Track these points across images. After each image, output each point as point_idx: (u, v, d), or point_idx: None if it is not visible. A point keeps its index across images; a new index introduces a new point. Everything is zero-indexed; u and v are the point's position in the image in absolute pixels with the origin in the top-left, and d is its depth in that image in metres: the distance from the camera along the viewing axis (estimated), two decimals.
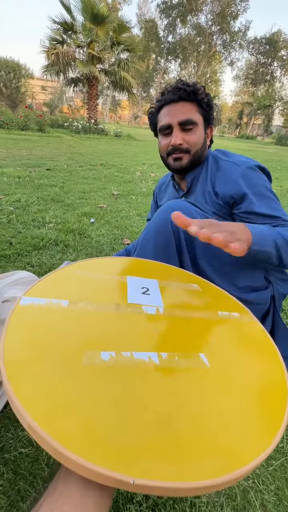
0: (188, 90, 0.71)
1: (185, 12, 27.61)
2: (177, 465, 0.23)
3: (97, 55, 9.74)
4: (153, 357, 0.34)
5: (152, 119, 0.81)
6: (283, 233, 0.59)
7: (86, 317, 0.40)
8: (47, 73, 9.92)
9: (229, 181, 0.71)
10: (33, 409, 0.25)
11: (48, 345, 0.33)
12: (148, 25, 29.59)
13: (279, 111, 34.09)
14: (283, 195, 3.68)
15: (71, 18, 9.46)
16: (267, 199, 0.68)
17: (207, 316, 0.45)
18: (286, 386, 0.33)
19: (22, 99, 14.72)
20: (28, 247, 1.46)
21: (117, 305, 0.43)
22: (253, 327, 0.44)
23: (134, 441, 0.24)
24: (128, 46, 10.01)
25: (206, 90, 0.75)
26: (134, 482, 0.21)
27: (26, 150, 4.84)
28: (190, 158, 0.75)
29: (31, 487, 0.54)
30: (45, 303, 0.40)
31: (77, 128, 9.49)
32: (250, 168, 0.70)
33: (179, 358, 0.35)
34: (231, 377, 0.33)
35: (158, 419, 0.27)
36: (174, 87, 0.73)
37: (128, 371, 0.31)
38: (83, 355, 0.32)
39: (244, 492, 0.58)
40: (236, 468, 0.23)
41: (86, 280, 0.49)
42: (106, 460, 0.22)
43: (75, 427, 0.24)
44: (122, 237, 1.76)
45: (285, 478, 0.61)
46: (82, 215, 2.05)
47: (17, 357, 0.30)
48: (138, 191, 3.00)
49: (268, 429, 0.27)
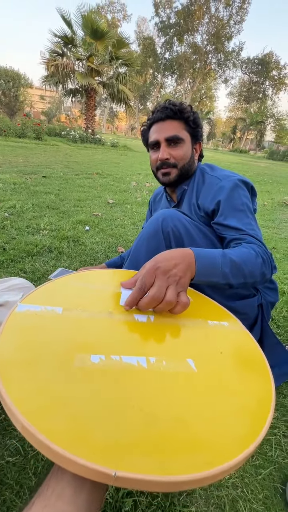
0: (174, 109, 0.77)
1: (181, 31, 28.77)
2: (159, 459, 0.24)
3: (96, 68, 10.01)
4: (141, 361, 0.35)
5: (144, 136, 0.86)
6: (236, 256, 0.58)
7: (78, 323, 0.41)
8: (46, 84, 10.11)
9: (209, 193, 0.74)
10: (24, 408, 0.26)
11: (41, 348, 0.34)
12: (146, 42, 30.67)
13: (271, 127, 35.37)
14: (274, 208, 3.78)
15: (71, 32, 9.75)
16: (238, 212, 0.70)
17: (197, 324, 0.46)
18: (271, 392, 0.34)
19: (20, 107, 14.89)
20: (21, 253, 1.46)
21: (109, 313, 0.44)
22: (242, 336, 0.45)
23: (119, 437, 0.25)
24: (127, 61, 10.33)
25: (193, 109, 0.81)
26: (116, 475, 0.22)
27: (22, 157, 4.87)
28: (178, 172, 0.80)
29: (17, 497, 0.53)
30: (40, 310, 0.41)
31: (74, 137, 9.62)
32: (231, 182, 0.74)
33: (167, 362, 0.36)
34: (217, 381, 0.34)
35: (144, 417, 0.28)
36: (162, 106, 0.79)
37: (117, 373, 0.32)
38: (74, 358, 0.33)
39: (233, 501, 0.58)
40: (218, 464, 0.24)
41: (81, 290, 0.51)
42: (91, 454, 0.23)
43: (63, 423, 0.25)
44: (116, 245, 1.78)
45: (274, 487, 0.62)
46: (77, 222, 2.06)
47: (10, 358, 0.31)
48: (133, 200, 3.04)
49: (251, 430, 0.28)
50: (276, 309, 1.33)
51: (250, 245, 0.63)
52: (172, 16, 29.06)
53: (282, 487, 0.62)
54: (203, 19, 27.67)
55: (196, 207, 0.77)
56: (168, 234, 0.67)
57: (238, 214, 0.70)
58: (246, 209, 0.72)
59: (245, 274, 0.59)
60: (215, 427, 0.28)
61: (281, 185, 6.35)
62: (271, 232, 2.64)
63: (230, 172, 0.80)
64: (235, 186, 0.73)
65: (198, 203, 0.77)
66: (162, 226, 0.67)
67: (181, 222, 0.68)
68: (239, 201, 0.72)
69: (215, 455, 0.25)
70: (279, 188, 5.71)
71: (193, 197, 0.79)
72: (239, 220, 0.69)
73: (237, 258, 0.59)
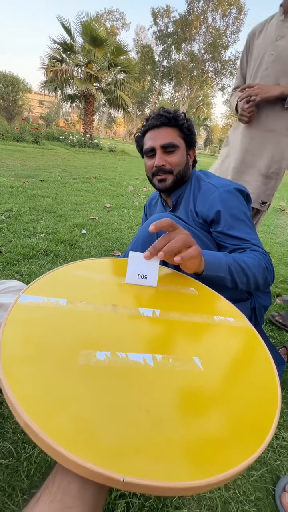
0: (169, 117, 0.79)
1: (179, 40, 29.34)
2: (166, 465, 0.24)
3: (94, 74, 10.14)
4: (147, 359, 0.35)
5: (139, 142, 0.88)
6: (240, 259, 0.63)
7: (83, 316, 0.40)
8: (45, 89, 10.21)
9: (207, 201, 0.76)
10: (28, 406, 0.25)
11: (45, 343, 0.33)
12: (145, 50, 31.18)
13: None
14: (269, 213, 3.82)
15: (71, 39, 9.89)
16: (239, 222, 0.72)
17: (203, 320, 0.46)
18: (277, 393, 0.33)
19: (19, 112, 14.97)
20: (18, 256, 1.46)
21: (114, 306, 0.44)
22: (248, 332, 0.45)
23: (126, 440, 0.25)
24: (125, 68, 10.48)
25: (187, 116, 0.83)
26: (124, 480, 0.21)
27: (20, 161, 4.88)
28: (174, 178, 0.82)
29: (9, 499, 0.53)
30: (43, 302, 0.40)
31: (72, 142, 9.67)
32: (228, 191, 0.75)
33: (173, 360, 0.36)
34: (224, 381, 0.34)
35: (150, 419, 0.27)
36: (157, 114, 0.81)
37: (123, 371, 0.32)
38: (79, 354, 0.33)
39: (225, 503, 0.59)
40: (224, 470, 0.24)
41: (85, 280, 0.50)
42: (98, 457, 0.23)
43: (68, 424, 0.25)
44: (113, 249, 1.79)
45: (266, 488, 0.62)
46: (74, 226, 2.07)
47: (14, 354, 0.31)
48: (130, 205, 3.06)
49: (257, 434, 0.28)
50: (269, 312, 1.34)
51: (253, 252, 0.67)
52: (170, 25, 29.64)
53: (273, 488, 0.62)
54: (200, 29, 28.26)
55: (194, 214, 0.79)
56: None
57: (239, 224, 0.72)
58: (246, 219, 0.74)
59: (247, 275, 0.62)
60: (220, 430, 0.28)
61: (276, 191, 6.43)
62: (267, 237, 2.67)
63: (226, 180, 0.81)
64: (233, 195, 0.75)
65: (196, 210, 0.78)
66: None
67: None
68: (239, 211, 0.74)
69: (221, 460, 0.25)
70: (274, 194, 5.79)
71: (190, 204, 0.81)
72: (241, 230, 0.71)
73: (240, 260, 0.63)
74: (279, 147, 1.22)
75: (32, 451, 0.61)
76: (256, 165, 1.25)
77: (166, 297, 0.51)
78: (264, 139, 1.22)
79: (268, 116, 1.19)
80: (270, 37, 1.15)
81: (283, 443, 0.72)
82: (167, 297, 0.51)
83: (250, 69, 1.28)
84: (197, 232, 0.75)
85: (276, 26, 1.14)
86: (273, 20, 1.18)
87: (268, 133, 1.21)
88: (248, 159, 1.26)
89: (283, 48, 1.12)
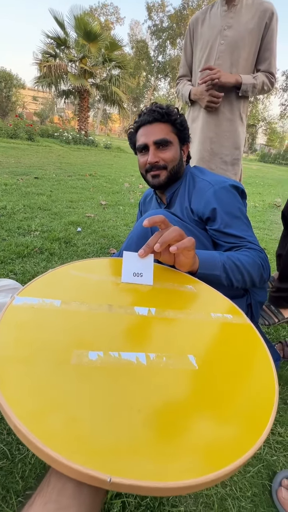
0: (161, 112, 0.77)
1: (174, 35, 29.08)
2: (157, 465, 0.23)
3: (89, 70, 10.02)
4: (140, 358, 0.34)
5: (132, 139, 0.86)
6: (235, 257, 0.64)
7: (77, 317, 0.39)
8: (39, 84, 10.06)
9: (202, 199, 0.75)
10: (18, 407, 0.25)
11: (38, 344, 0.33)
12: (139, 45, 30.85)
13: (262, 130, 35.99)
14: (265, 209, 3.83)
15: (64, 33, 9.74)
16: (235, 219, 0.72)
17: (200, 317, 0.45)
18: (274, 391, 0.33)
19: (12, 108, 14.75)
20: (12, 255, 1.44)
21: (109, 306, 0.43)
22: (246, 329, 0.44)
23: (116, 440, 0.24)
24: (120, 63, 10.37)
25: (180, 112, 0.81)
26: (111, 480, 0.21)
27: (14, 158, 4.82)
28: (167, 174, 0.81)
29: (3, 502, 0.52)
30: (38, 303, 0.40)
31: (67, 139, 9.57)
32: (223, 188, 0.74)
33: (167, 359, 0.35)
34: (219, 379, 0.34)
35: (142, 419, 0.27)
36: (149, 109, 0.80)
37: (115, 371, 0.32)
38: (71, 355, 0.32)
39: (221, 500, 0.59)
40: (217, 469, 0.23)
41: (80, 280, 0.49)
42: (88, 458, 0.22)
43: (59, 425, 0.25)
44: (108, 247, 1.77)
45: (262, 484, 0.62)
46: (69, 224, 2.05)
47: (6, 355, 0.30)
48: (126, 202, 3.04)
49: (252, 432, 0.27)
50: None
51: (249, 250, 0.67)
52: (165, 20, 29.38)
53: (270, 484, 0.62)
54: None
55: (190, 211, 0.78)
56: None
57: (235, 221, 0.71)
58: (242, 216, 0.73)
59: (242, 273, 0.63)
60: (214, 429, 0.27)
61: (272, 187, 6.45)
62: (262, 233, 2.68)
63: (220, 177, 0.80)
64: (228, 192, 0.74)
65: (191, 207, 0.77)
66: (151, 227, 0.68)
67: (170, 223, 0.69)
68: (235, 208, 0.73)
69: (214, 459, 0.24)
70: (270, 190, 5.81)
71: (185, 201, 0.80)
72: (237, 227, 0.71)
73: (234, 258, 0.64)
74: (237, 135, 1.29)
75: (26, 452, 0.61)
76: (218, 153, 1.30)
77: (162, 296, 0.50)
78: (225, 128, 1.27)
79: (224, 106, 1.25)
80: (217, 27, 1.20)
81: (279, 438, 0.72)
82: (163, 295, 0.50)
83: (197, 57, 1.32)
84: (192, 229, 0.74)
85: (221, 16, 1.19)
86: (215, 9, 1.23)
87: (227, 122, 1.27)
88: (211, 147, 1.30)
89: (231, 38, 1.17)
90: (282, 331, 1.21)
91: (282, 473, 0.64)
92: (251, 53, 1.19)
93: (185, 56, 1.39)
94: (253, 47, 1.18)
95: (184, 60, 1.40)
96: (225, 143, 1.28)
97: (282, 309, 1.16)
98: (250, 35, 1.15)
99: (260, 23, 1.14)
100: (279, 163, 21.34)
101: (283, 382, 0.92)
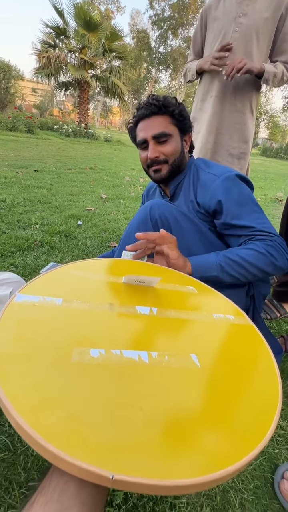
0: (158, 104, 0.75)
1: (176, 25, 28.44)
2: (159, 463, 0.23)
3: (89, 61, 9.83)
4: (142, 356, 0.34)
5: (132, 133, 0.84)
6: (233, 253, 0.65)
7: (78, 315, 0.39)
8: (38, 76, 9.87)
9: (208, 192, 0.73)
10: (19, 404, 0.25)
11: (39, 341, 0.33)
12: (140, 35, 30.21)
13: (265, 124, 35.55)
14: (267, 204, 3.80)
15: (63, 23, 9.52)
16: (243, 207, 0.69)
17: (202, 317, 0.45)
18: (278, 391, 0.32)
19: (11, 100, 14.52)
20: (12, 248, 1.43)
21: (110, 305, 0.43)
22: (248, 330, 0.44)
23: (118, 438, 0.24)
24: (120, 54, 10.17)
25: (178, 101, 0.79)
26: (113, 478, 0.21)
27: (13, 151, 4.77)
28: (169, 168, 0.79)
29: (6, 493, 0.52)
30: (39, 301, 0.40)
31: (67, 132, 9.45)
32: (229, 178, 0.72)
33: (169, 357, 0.35)
34: (221, 378, 0.33)
35: (144, 417, 0.26)
36: (146, 102, 0.77)
37: (117, 368, 0.31)
38: (72, 352, 0.32)
39: (223, 492, 0.59)
40: (221, 468, 0.23)
41: (82, 280, 0.49)
42: (88, 455, 0.22)
43: (60, 422, 0.24)
44: (109, 240, 1.76)
45: (264, 477, 0.62)
46: (69, 217, 2.03)
47: (7, 352, 0.30)
48: (126, 195, 3.02)
49: (255, 432, 0.27)
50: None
51: (255, 242, 0.66)
52: (167, 9, 28.65)
53: (272, 476, 0.62)
54: (198, 13, 27.42)
55: (196, 205, 0.76)
56: (156, 221, 0.68)
57: (244, 209, 0.69)
58: (250, 202, 0.71)
59: (245, 267, 0.63)
60: (218, 428, 0.27)
61: (274, 181, 6.40)
62: None
63: (226, 168, 0.78)
64: (234, 181, 0.72)
65: (197, 201, 0.76)
66: (150, 213, 0.68)
67: (169, 211, 0.69)
68: (241, 195, 0.71)
69: (218, 457, 0.24)
70: (272, 185, 5.76)
71: (190, 194, 0.78)
72: (246, 216, 0.69)
73: (232, 254, 0.64)
74: (246, 128, 1.25)
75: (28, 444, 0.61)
76: (225, 145, 1.27)
77: (164, 296, 0.50)
78: (233, 119, 1.23)
79: (236, 97, 1.21)
80: (231, 13, 1.16)
81: (281, 431, 0.72)
82: (165, 295, 0.50)
83: (208, 44, 1.28)
84: (193, 219, 0.72)
85: (236, 3, 1.15)
86: None
87: (236, 114, 1.23)
88: (218, 139, 1.27)
89: (246, 26, 1.14)
90: (284, 325, 1.20)
91: (284, 465, 0.64)
92: (265, 42, 1.15)
93: (193, 45, 1.34)
94: (267, 36, 1.14)
95: (192, 48, 1.35)
96: (234, 136, 1.24)
97: (285, 304, 1.15)
98: (265, 24, 1.11)
99: (275, 13, 1.10)
100: (281, 157, 21.10)
101: (284, 375, 0.92)
